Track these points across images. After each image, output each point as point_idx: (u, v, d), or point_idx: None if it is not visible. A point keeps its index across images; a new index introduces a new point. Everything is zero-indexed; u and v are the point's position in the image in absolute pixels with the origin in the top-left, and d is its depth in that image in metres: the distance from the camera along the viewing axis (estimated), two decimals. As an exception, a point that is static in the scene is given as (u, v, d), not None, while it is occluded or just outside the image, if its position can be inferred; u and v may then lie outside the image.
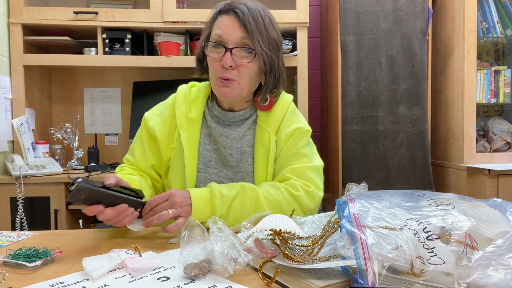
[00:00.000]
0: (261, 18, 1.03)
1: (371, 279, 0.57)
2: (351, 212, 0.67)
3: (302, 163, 1.09)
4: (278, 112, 1.12)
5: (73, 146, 2.24)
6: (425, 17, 2.19)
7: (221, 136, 1.11)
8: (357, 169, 2.21)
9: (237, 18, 1.01)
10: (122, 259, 0.72)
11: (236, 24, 1.01)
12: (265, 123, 1.11)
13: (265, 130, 1.11)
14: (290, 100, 1.16)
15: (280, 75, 1.10)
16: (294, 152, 1.11)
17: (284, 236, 0.69)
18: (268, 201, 0.99)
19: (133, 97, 2.38)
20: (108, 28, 2.15)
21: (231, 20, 1.02)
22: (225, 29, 1.01)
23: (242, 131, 1.12)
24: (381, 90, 2.19)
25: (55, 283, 0.66)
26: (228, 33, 1.01)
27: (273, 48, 1.05)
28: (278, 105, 1.13)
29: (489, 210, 0.66)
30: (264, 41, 1.02)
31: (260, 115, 1.13)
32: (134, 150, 1.17)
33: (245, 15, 1.01)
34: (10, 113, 2.08)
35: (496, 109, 2.50)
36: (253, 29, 1.00)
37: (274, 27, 1.07)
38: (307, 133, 1.14)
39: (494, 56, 2.49)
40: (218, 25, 1.04)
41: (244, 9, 1.02)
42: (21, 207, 1.90)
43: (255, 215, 0.91)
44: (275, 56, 1.06)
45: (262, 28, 1.02)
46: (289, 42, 2.16)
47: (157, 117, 1.16)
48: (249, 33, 1.00)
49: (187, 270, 0.67)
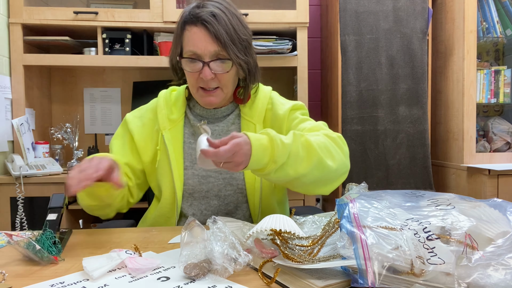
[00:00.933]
0: (230, 23, 1.02)
1: (371, 279, 0.57)
2: (351, 212, 0.67)
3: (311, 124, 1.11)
4: (260, 103, 1.15)
5: (73, 146, 2.24)
6: (425, 17, 2.19)
7: None
8: (357, 169, 2.21)
9: (207, 30, 1.00)
10: (122, 259, 0.72)
11: (208, 38, 1.00)
12: (249, 115, 1.14)
13: (250, 122, 1.14)
14: (269, 90, 1.19)
15: (256, 70, 1.12)
16: (299, 121, 1.13)
17: (284, 236, 0.69)
18: (318, 145, 0.95)
19: (133, 97, 2.38)
20: (108, 28, 2.15)
21: (202, 33, 1.00)
22: (198, 44, 1.01)
23: (226, 126, 1.15)
24: (381, 90, 2.19)
25: (55, 283, 0.66)
26: (202, 47, 1.00)
27: (247, 50, 1.06)
28: (259, 97, 1.16)
29: (489, 210, 0.66)
30: (238, 46, 1.02)
31: (243, 108, 1.15)
32: (113, 147, 1.18)
33: (214, 27, 0.99)
34: (10, 113, 2.08)
35: (496, 109, 2.50)
36: (226, 39, 1.00)
37: (242, 25, 1.06)
38: (302, 106, 1.18)
39: (494, 56, 2.49)
40: (189, 39, 1.02)
41: (211, 19, 1.00)
42: (21, 207, 1.90)
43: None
44: (249, 56, 1.07)
45: (233, 34, 1.01)
46: (289, 42, 2.16)
47: (137, 120, 1.18)
48: (222, 45, 1.00)
49: (187, 270, 0.67)
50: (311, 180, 0.95)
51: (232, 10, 1.06)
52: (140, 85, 2.38)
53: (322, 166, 0.95)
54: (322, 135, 1.01)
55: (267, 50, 2.14)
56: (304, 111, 1.18)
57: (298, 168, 0.91)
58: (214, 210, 1.13)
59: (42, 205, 1.96)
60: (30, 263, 0.77)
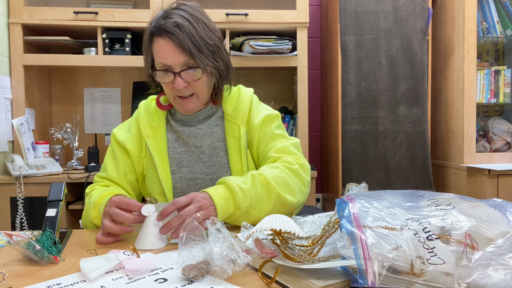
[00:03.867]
0: (195, 32, 1.02)
1: (371, 279, 0.57)
2: (351, 212, 0.67)
3: (282, 142, 1.14)
4: (244, 105, 1.16)
5: (73, 146, 2.24)
6: (425, 17, 2.19)
7: (190, 137, 1.15)
8: (357, 169, 2.21)
9: (173, 42, 1.01)
10: (119, 260, 0.72)
11: (175, 49, 1.01)
12: (233, 117, 1.15)
13: (234, 123, 1.15)
14: (251, 93, 1.22)
15: (228, 70, 1.13)
16: (271, 136, 1.16)
17: (284, 236, 0.69)
18: (275, 181, 1.01)
19: (133, 97, 2.38)
20: (108, 28, 2.15)
21: (169, 45, 1.01)
22: (166, 56, 1.02)
23: (209, 128, 1.16)
24: (381, 90, 2.19)
25: (52, 285, 0.66)
26: (171, 59, 1.02)
27: (216, 54, 1.07)
28: (242, 99, 1.17)
29: (489, 210, 0.66)
30: (205, 53, 1.03)
31: (226, 110, 1.17)
32: (106, 165, 1.18)
33: (179, 38, 1.00)
34: (10, 113, 2.08)
35: (496, 109, 2.50)
36: (192, 49, 1.00)
37: (209, 29, 1.07)
38: (277, 117, 1.21)
39: (494, 56, 2.49)
40: (157, 51, 1.04)
41: (176, 30, 1.00)
42: (21, 207, 1.90)
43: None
44: (219, 59, 1.08)
45: (199, 41, 1.02)
46: (289, 42, 2.16)
47: (125, 132, 1.19)
48: (189, 54, 1.01)
49: (185, 272, 0.66)
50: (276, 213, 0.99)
51: (198, 15, 1.05)
52: (140, 85, 2.38)
53: (282, 202, 1.01)
54: (281, 167, 1.05)
55: (267, 50, 2.14)
56: (278, 122, 1.20)
57: (262, 208, 0.98)
58: None
59: (42, 205, 1.96)
60: (30, 263, 0.77)
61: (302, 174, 1.08)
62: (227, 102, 1.18)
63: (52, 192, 0.93)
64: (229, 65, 1.13)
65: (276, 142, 1.15)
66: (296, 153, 1.13)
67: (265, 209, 0.98)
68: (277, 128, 1.18)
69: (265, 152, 1.14)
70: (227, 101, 1.18)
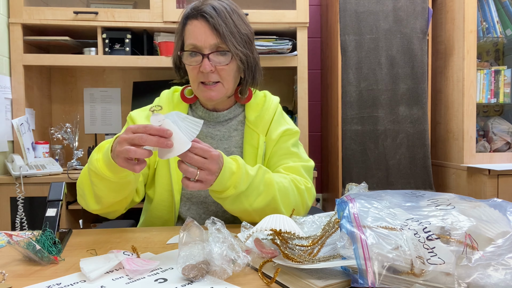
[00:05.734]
0: (230, 17, 1.03)
1: (371, 279, 0.57)
2: (351, 212, 0.67)
3: (295, 162, 1.11)
4: (267, 114, 1.14)
5: (73, 146, 2.24)
6: (425, 17, 2.18)
7: (206, 137, 1.13)
8: (357, 169, 2.21)
9: (207, 22, 1.01)
10: (119, 260, 0.71)
11: (208, 29, 1.01)
12: (254, 125, 1.13)
13: (254, 131, 1.12)
14: (277, 102, 1.19)
15: (256, 67, 1.12)
16: (285, 152, 1.13)
17: (284, 236, 0.69)
18: (278, 187, 0.99)
19: (133, 97, 2.38)
20: (108, 28, 2.15)
21: (202, 26, 1.02)
22: (198, 36, 1.02)
23: (228, 131, 1.14)
24: (381, 90, 2.19)
25: (52, 285, 0.66)
26: (202, 40, 1.01)
27: (247, 44, 1.07)
28: (267, 107, 1.15)
29: (489, 210, 0.66)
30: (237, 39, 1.03)
31: (249, 115, 1.14)
32: None
33: (214, 18, 1.01)
34: (10, 113, 2.08)
35: (496, 109, 2.50)
36: (225, 31, 1.01)
37: (243, 21, 1.08)
38: (296, 134, 1.17)
39: (494, 56, 2.49)
40: (190, 32, 1.04)
41: (211, 11, 1.01)
42: (21, 207, 1.90)
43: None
44: (249, 51, 1.08)
45: (232, 27, 1.03)
46: (289, 42, 2.16)
47: (143, 117, 1.16)
48: (221, 36, 1.01)
49: (185, 272, 0.66)
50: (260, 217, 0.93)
51: (233, 7, 1.07)
52: (140, 85, 2.38)
53: (275, 209, 0.98)
54: (289, 180, 1.03)
55: (267, 50, 2.14)
56: (296, 139, 1.17)
57: (254, 202, 0.95)
58: (212, 216, 1.12)
59: (42, 205, 1.96)
60: (30, 263, 0.77)
61: (305, 197, 1.06)
62: (250, 107, 1.15)
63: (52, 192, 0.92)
64: (258, 63, 1.12)
65: (288, 160, 1.11)
66: (306, 177, 1.10)
67: (256, 205, 0.96)
68: (294, 146, 1.15)
69: (275, 166, 1.12)
70: (251, 106, 1.15)
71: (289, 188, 1.02)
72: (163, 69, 2.29)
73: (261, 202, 0.96)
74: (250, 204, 0.95)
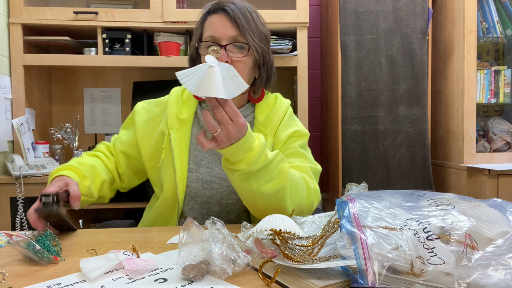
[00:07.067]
0: (249, 13, 1.07)
1: (371, 279, 0.57)
2: (351, 212, 0.67)
3: (302, 162, 1.10)
4: (277, 116, 1.14)
5: (73, 146, 2.24)
6: (425, 17, 2.18)
7: None
8: (357, 169, 2.21)
9: (227, 15, 1.04)
10: (119, 260, 0.71)
11: (227, 22, 1.04)
12: (263, 126, 1.13)
13: (262, 132, 1.12)
14: (288, 104, 1.19)
15: (271, 67, 1.14)
16: (293, 151, 1.12)
17: (284, 236, 0.69)
18: (291, 178, 0.96)
19: (133, 97, 2.38)
20: (108, 28, 2.15)
21: (222, 19, 1.05)
22: (217, 28, 1.04)
23: None
24: (381, 90, 2.19)
25: (52, 285, 0.66)
26: (220, 31, 1.03)
27: (263, 41, 1.09)
28: (277, 109, 1.15)
29: (489, 210, 0.66)
30: (255, 34, 1.06)
31: (258, 116, 1.14)
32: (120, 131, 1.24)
33: (234, 12, 1.04)
34: (10, 113, 2.08)
35: (496, 109, 2.50)
36: (244, 24, 1.04)
37: (262, 22, 1.11)
38: (305, 136, 1.17)
39: (494, 56, 2.49)
40: (209, 25, 1.06)
41: (232, 6, 1.05)
42: (21, 207, 1.90)
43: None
44: (266, 48, 1.10)
45: (251, 22, 1.06)
46: (289, 42, 2.16)
47: (144, 113, 1.20)
48: (240, 29, 1.03)
49: (185, 272, 0.66)
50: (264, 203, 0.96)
51: (254, 9, 1.11)
52: (140, 85, 2.38)
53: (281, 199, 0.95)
54: (301, 176, 1.02)
55: (267, 50, 2.14)
56: (304, 141, 1.16)
57: (263, 185, 0.92)
58: (215, 216, 1.12)
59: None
60: (30, 263, 0.77)
61: (312, 197, 1.04)
62: (261, 108, 1.15)
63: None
64: (273, 65, 1.14)
65: (296, 159, 1.10)
66: (314, 178, 1.09)
67: (264, 189, 0.92)
68: (301, 147, 1.14)
69: None
70: (261, 107, 1.15)
71: (300, 184, 1.00)
72: (163, 69, 2.29)
73: (270, 188, 0.93)
74: (258, 187, 0.92)
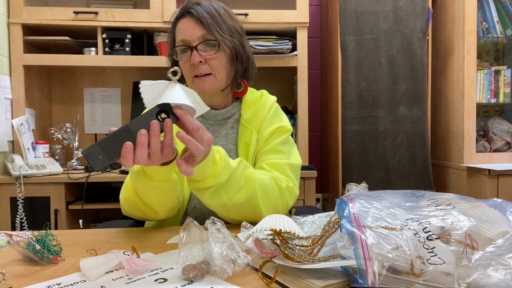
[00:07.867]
0: (215, 11, 1.08)
1: (371, 279, 0.57)
2: (351, 212, 0.67)
3: (280, 158, 1.10)
4: (262, 112, 1.15)
5: (73, 146, 2.24)
6: (425, 17, 2.19)
7: None
8: (357, 169, 2.21)
9: (193, 17, 1.06)
10: (119, 260, 0.71)
11: (194, 23, 1.06)
12: (248, 122, 1.14)
13: (247, 129, 1.14)
14: (274, 101, 1.20)
15: (248, 58, 1.15)
16: (272, 148, 1.13)
17: (284, 236, 0.69)
18: (259, 182, 0.98)
19: (133, 97, 2.38)
20: (108, 28, 2.15)
21: (189, 21, 1.07)
22: (185, 31, 1.06)
23: (225, 129, 1.16)
24: (381, 90, 2.19)
25: (52, 285, 0.66)
26: (189, 33, 1.06)
27: (234, 34, 1.10)
28: (262, 105, 1.17)
29: (489, 210, 0.66)
30: (223, 29, 1.07)
31: (244, 114, 1.15)
32: None
33: (199, 12, 1.06)
34: (10, 113, 2.08)
35: (496, 109, 2.50)
36: (210, 22, 1.05)
37: (231, 17, 1.12)
38: (287, 131, 1.17)
39: (494, 56, 2.49)
40: (179, 30, 1.09)
41: (198, 8, 1.07)
42: (21, 207, 1.90)
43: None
44: (238, 41, 1.11)
45: (219, 19, 1.07)
46: (289, 42, 2.16)
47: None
48: (207, 27, 1.05)
49: (185, 272, 0.66)
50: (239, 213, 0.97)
51: (221, 5, 1.11)
52: (140, 85, 2.38)
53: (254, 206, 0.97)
54: (270, 177, 1.02)
55: (267, 50, 2.14)
56: (285, 137, 1.15)
57: (233, 196, 0.93)
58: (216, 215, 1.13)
59: (42, 205, 1.96)
60: (30, 263, 0.77)
61: (285, 195, 1.04)
62: (246, 105, 1.16)
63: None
64: (249, 56, 1.15)
65: (273, 156, 1.11)
66: (289, 175, 1.08)
67: (236, 200, 0.94)
68: (282, 143, 1.14)
69: (259, 161, 1.11)
70: (247, 104, 1.16)
71: (269, 186, 1.01)
72: (163, 69, 2.29)
73: (241, 197, 0.94)
74: (230, 198, 0.93)
